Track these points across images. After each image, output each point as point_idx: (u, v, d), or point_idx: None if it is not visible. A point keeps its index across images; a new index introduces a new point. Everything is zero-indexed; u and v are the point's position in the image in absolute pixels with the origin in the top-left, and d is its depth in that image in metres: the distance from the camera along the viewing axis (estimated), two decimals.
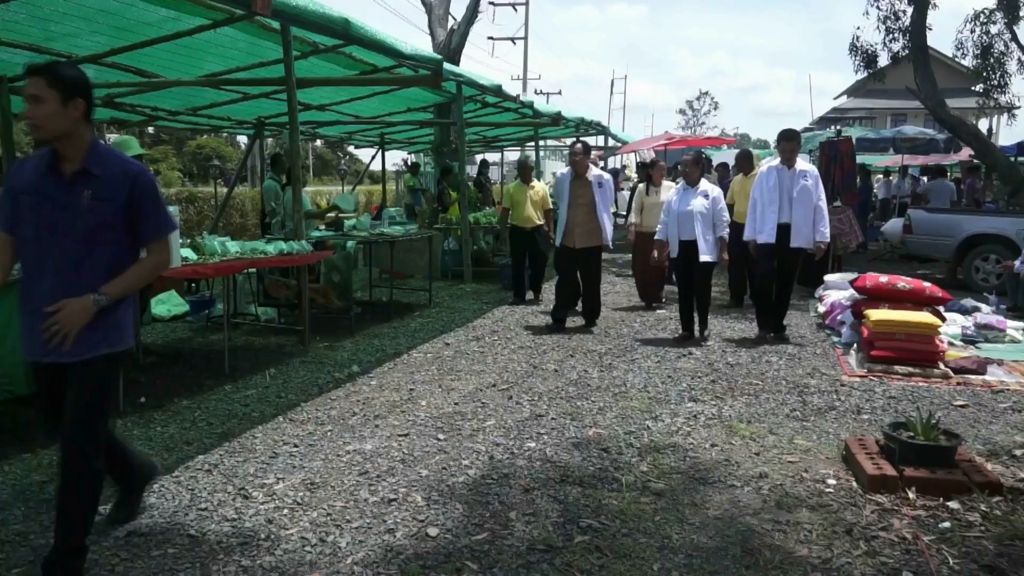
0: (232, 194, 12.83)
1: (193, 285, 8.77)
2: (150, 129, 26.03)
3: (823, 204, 6.74)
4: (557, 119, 11.89)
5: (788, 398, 5.22)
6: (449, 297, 9.56)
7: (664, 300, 8.90)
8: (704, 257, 6.79)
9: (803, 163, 6.75)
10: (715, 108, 70.85)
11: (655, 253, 7.30)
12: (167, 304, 7.92)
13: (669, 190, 7.99)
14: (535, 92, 40.16)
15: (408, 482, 3.75)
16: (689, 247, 6.84)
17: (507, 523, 3.32)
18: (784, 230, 6.70)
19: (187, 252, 5.28)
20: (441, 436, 4.42)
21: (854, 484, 3.75)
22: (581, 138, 8.01)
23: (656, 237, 7.24)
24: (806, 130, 22.36)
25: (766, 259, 6.84)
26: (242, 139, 30.03)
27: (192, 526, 3.25)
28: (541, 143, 16.13)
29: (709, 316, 7.27)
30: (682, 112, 76.32)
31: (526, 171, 9.08)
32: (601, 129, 15.11)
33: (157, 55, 6.62)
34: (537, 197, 8.89)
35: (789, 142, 6.74)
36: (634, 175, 13.78)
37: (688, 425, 4.66)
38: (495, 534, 3.22)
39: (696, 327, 7.09)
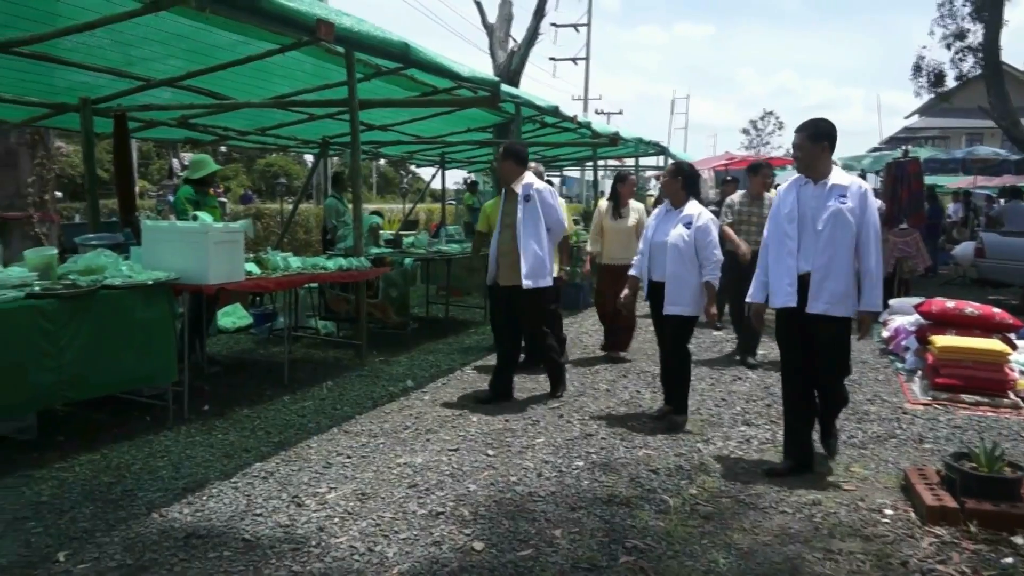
0: (297, 211, 13.19)
1: (257, 299, 9.06)
2: (222, 148, 27.01)
3: (872, 242, 4.00)
4: (615, 139, 11.88)
5: (846, 424, 5.09)
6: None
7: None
8: (670, 308, 4.93)
9: (842, 174, 4.11)
10: (780, 128, 69.27)
11: (623, 292, 5.38)
12: (232, 316, 8.20)
13: (638, 212, 6.89)
14: (596, 112, 40.22)
15: (456, 496, 3.79)
16: (660, 291, 5.03)
17: (552, 540, 3.33)
18: (804, 285, 4.04)
19: (251, 267, 5.48)
20: (490, 452, 4.46)
21: (912, 515, 3.64)
22: (509, 141, 5.97)
23: (630, 272, 5.30)
24: (874, 150, 21.83)
25: (785, 339, 4.24)
26: (308, 158, 30.88)
27: (247, 530, 3.36)
28: (600, 163, 16.13)
29: (758, 341, 6.59)
30: (745, 132, 75.10)
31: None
32: (660, 149, 15.02)
33: (229, 78, 6.90)
34: None
35: (799, 134, 4.11)
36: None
37: (740, 449, 4.59)
38: (540, 551, 3.24)
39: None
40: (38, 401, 4.10)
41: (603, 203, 7.14)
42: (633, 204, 6.95)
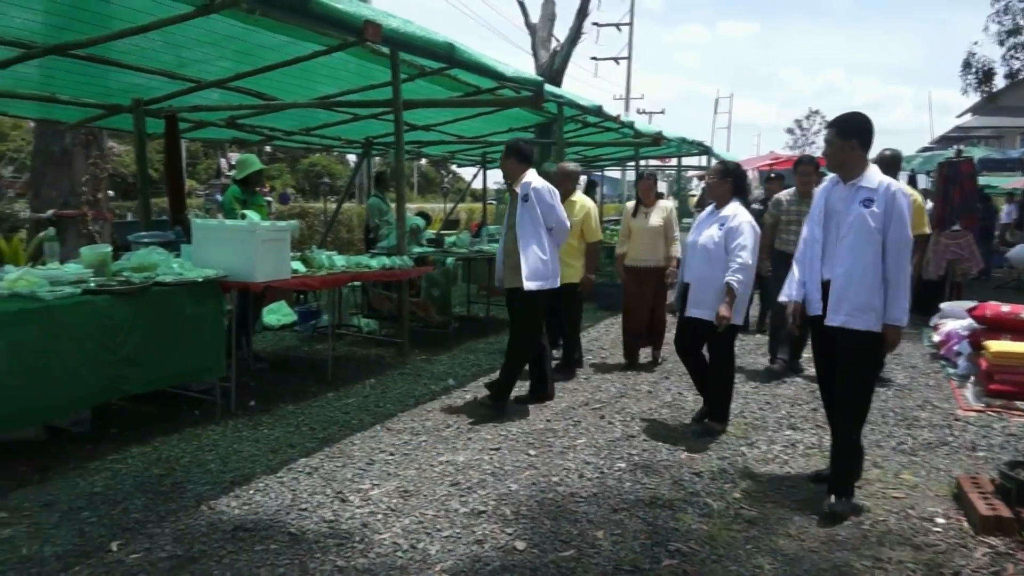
0: (340, 210, 13.36)
1: (301, 296, 9.19)
2: (267, 148, 27.45)
3: (898, 249, 3.59)
4: (658, 139, 11.80)
5: (895, 431, 4.98)
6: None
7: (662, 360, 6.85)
8: (693, 311, 4.78)
9: (874, 175, 3.70)
10: (826, 127, 68.15)
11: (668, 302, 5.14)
12: (277, 314, 8.33)
13: (664, 212, 6.52)
14: (638, 111, 39.98)
15: (498, 495, 3.80)
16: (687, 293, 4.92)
17: (594, 542, 3.32)
18: (827, 293, 3.76)
19: (297, 265, 5.56)
20: (532, 452, 4.46)
21: (965, 525, 3.55)
22: (514, 138, 5.62)
23: (684, 279, 5.09)
24: (924, 150, 21.32)
25: (814, 349, 4.06)
26: (350, 157, 31.24)
27: (292, 524, 3.41)
28: (642, 163, 16.03)
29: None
30: (790, 131, 73.94)
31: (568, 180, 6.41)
32: (704, 149, 14.86)
33: (275, 79, 7.01)
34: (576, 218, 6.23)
35: (829, 129, 3.82)
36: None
37: (785, 453, 4.52)
38: (582, 552, 3.23)
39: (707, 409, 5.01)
40: (95, 396, 4.21)
41: (629, 203, 6.94)
42: (661, 204, 6.62)
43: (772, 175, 9.01)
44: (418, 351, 7.13)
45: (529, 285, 5.11)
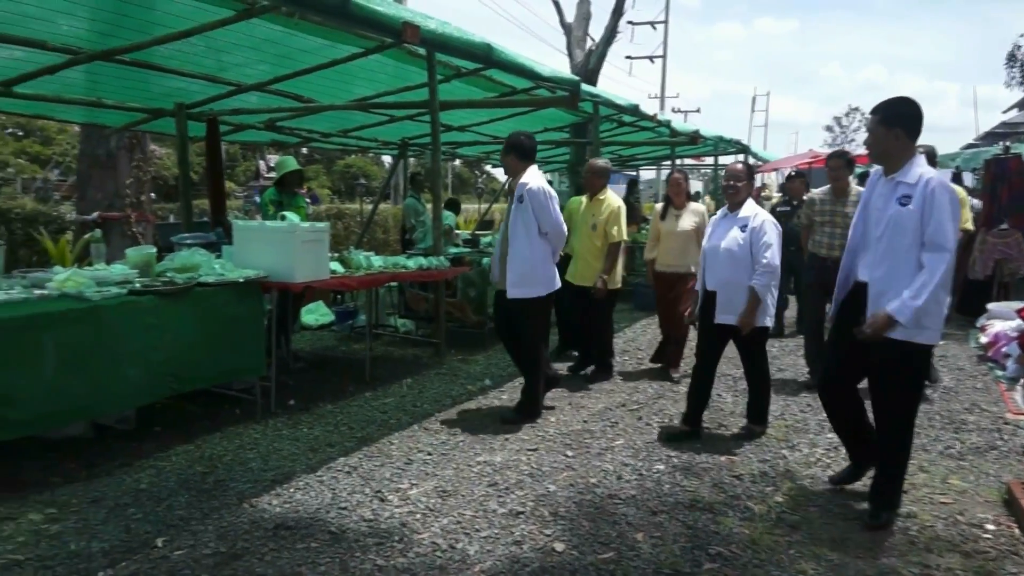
0: (376, 211, 13.45)
1: (338, 296, 9.26)
2: (303, 150, 27.80)
3: (935, 247, 3.24)
4: (695, 137, 11.69)
5: (942, 435, 4.87)
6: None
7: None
8: (723, 317, 4.56)
9: (918, 168, 3.36)
10: (869, 113, 66.70)
11: (687, 310, 5.05)
12: (315, 314, 8.41)
13: (697, 216, 6.16)
14: (672, 110, 39.62)
15: (536, 496, 3.79)
16: (713, 300, 4.66)
17: (634, 544, 3.29)
18: (862, 294, 3.54)
19: (335, 265, 5.61)
20: (569, 453, 4.44)
21: (1016, 532, 3.45)
22: (514, 132, 5.18)
23: (695, 286, 5.02)
24: (969, 146, 20.81)
25: (833, 338, 3.88)
26: (385, 159, 31.47)
27: (332, 523, 3.44)
28: (678, 162, 15.90)
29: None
30: (829, 129, 72.60)
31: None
32: (741, 147, 14.68)
33: (313, 81, 7.08)
34: (600, 217, 6.03)
35: (872, 116, 3.50)
36: (776, 195, 13.21)
37: (828, 456, 4.44)
38: (621, 554, 3.20)
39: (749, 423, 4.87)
40: (141, 394, 4.28)
41: (659, 205, 6.61)
42: (692, 206, 6.21)
43: (792, 174, 8.67)
44: (454, 351, 7.15)
45: (512, 292, 4.94)
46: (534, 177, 4.97)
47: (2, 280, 4.34)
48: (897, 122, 3.39)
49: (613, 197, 6.11)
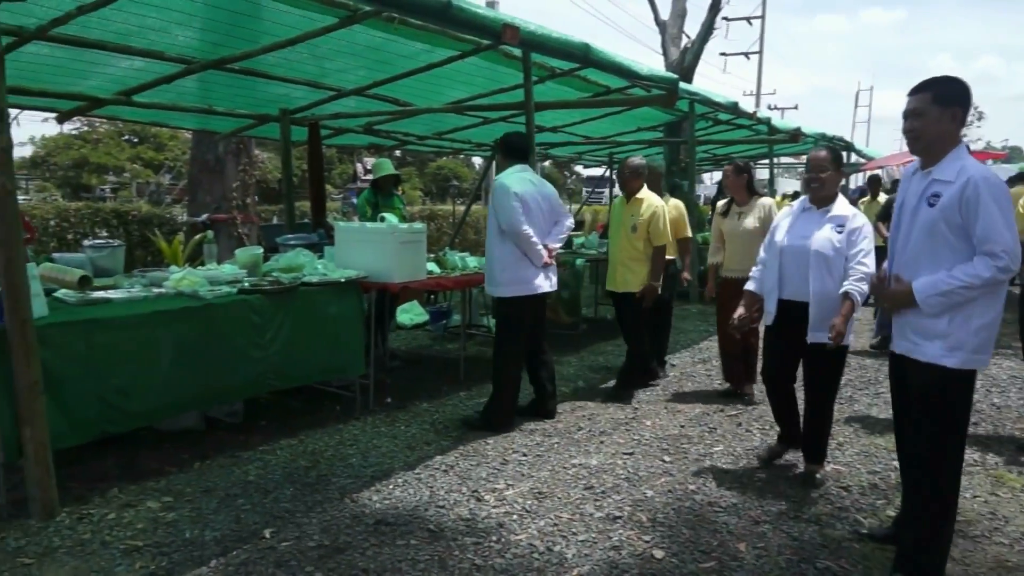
0: (468, 212, 13.60)
1: (432, 296, 9.41)
2: (397, 152, 28.41)
3: (993, 256, 2.65)
4: (796, 135, 11.29)
5: None
6: (675, 317, 9.38)
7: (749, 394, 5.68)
8: (817, 335, 3.73)
9: (959, 160, 2.79)
10: (979, 118, 62.86)
11: (736, 313, 4.16)
12: (410, 313, 8.57)
13: (762, 211, 5.40)
14: (769, 107, 38.53)
15: (633, 501, 3.73)
16: (795, 313, 3.84)
17: (736, 554, 3.19)
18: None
19: (432, 266, 5.69)
20: (667, 458, 4.36)
21: None
22: (507, 131, 5.21)
23: (746, 287, 4.20)
24: None
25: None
26: (476, 160, 31.82)
27: (431, 521, 3.48)
28: (776, 161, 15.42)
29: None
30: None
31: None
32: (844, 144, 14.10)
33: (410, 85, 7.20)
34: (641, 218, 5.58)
35: (920, 95, 2.85)
36: (882, 196, 12.60)
37: None
38: (723, 564, 3.11)
39: (809, 452, 4.10)
40: (249, 388, 4.47)
41: (721, 202, 5.96)
42: (759, 202, 5.47)
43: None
44: None
45: (488, 289, 5.05)
46: (509, 175, 4.84)
47: (123, 279, 4.61)
48: (955, 101, 2.80)
49: (653, 196, 5.64)
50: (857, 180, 20.57)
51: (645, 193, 5.64)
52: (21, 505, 3.48)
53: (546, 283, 4.97)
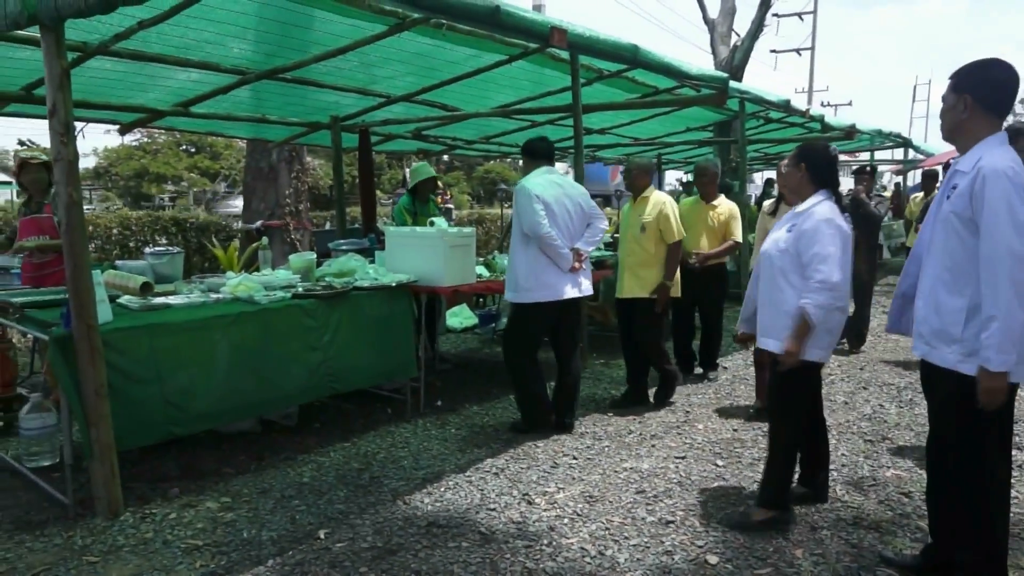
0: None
1: (481, 300, 9.45)
2: (445, 158, 28.65)
3: (995, 264, 2.44)
4: (851, 132, 11.00)
5: None
6: (726, 320, 9.24)
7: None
8: (763, 340, 3.47)
9: (982, 152, 2.58)
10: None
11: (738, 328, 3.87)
12: (459, 317, 8.63)
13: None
14: (822, 104, 37.71)
15: (686, 505, 3.69)
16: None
17: (792, 561, 3.13)
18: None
19: (481, 270, 5.72)
20: (720, 462, 4.30)
21: None
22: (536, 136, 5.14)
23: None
24: None
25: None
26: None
27: (482, 524, 3.50)
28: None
29: None
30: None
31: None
32: (902, 141, 13.71)
33: (457, 90, 7.26)
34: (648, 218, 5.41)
35: (961, 79, 2.67)
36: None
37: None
38: (779, 571, 3.06)
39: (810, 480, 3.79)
40: (304, 393, 4.54)
41: (767, 202, 5.83)
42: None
43: (868, 168, 7.61)
44: (596, 355, 7.11)
45: (507, 296, 4.89)
46: (531, 177, 4.80)
47: (183, 285, 4.74)
48: (967, 87, 2.62)
49: (659, 194, 5.51)
50: (915, 177, 20.01)
51: (651, 191, 5.54)
52: (88, 505, 3.61)
53: (574, 289, 4.80)
